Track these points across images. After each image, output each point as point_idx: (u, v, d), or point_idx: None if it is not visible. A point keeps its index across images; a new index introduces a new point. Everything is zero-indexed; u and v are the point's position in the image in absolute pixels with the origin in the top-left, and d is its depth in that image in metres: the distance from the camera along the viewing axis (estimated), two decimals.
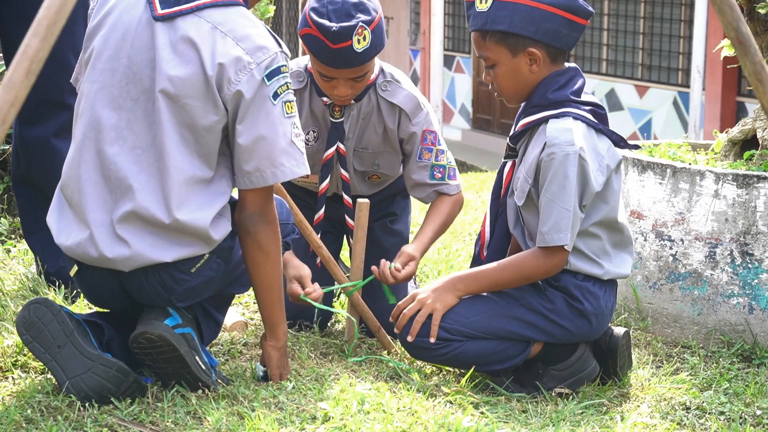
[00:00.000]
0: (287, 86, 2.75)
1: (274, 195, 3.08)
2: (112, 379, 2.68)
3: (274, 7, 11.49)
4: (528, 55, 3.04)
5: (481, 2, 3.06)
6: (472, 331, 3.02)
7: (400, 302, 3.14)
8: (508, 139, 3.16)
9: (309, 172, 2.80)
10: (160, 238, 2.70)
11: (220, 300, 2.96)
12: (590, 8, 3.06)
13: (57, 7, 1.76)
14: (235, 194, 2.87)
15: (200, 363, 2.79)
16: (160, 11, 2.71)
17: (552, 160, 2.93)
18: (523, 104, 3.16)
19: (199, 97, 2.68)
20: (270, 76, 2.71)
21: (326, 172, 3.52)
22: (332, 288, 3.42)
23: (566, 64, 3.12)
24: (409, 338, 3.06)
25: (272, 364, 2.94)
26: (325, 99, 3.44)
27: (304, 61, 3.51)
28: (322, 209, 3.55)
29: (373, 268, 3.37)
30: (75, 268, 2.82)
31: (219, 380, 2.85)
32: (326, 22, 3.21)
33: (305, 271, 3.30)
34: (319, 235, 3.46)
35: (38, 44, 1.75)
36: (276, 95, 2.72)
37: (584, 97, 3.07)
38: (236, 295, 3.54)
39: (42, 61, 1.77)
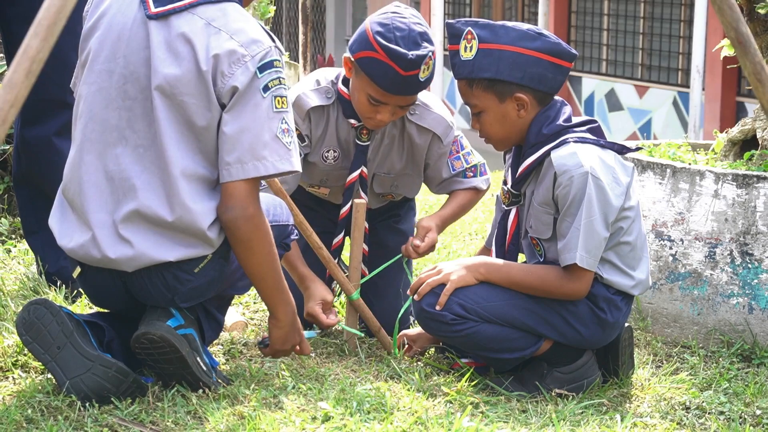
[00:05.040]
0: (279, 81, 2.72)
1: (274, 197, 3.08)
2: (111, 380, 2.68)
3: (274, 7, 11.50)
4: (515, 101, 3.07)
5: (465, 50, 3.08)
6: (488, 315, 3.04)
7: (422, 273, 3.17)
8: (509, 186, 3.16)
9: (294, 169, 2.73)
10: (163, 237, 2.69)
11: (221, 300, 2.96)
12: (574, 51, 3.10)
13: (57, 7, 1.76)
14: None
15: (201, 364, 2.79)
16: (153, 10, 2.71)
17: (567, 187, 2.96)
18: (512, 152, 3.19)
19: (195, 95, 2.67)
20: (262, 69, 2.69)
21: (348, 196, 3.50)
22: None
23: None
24: (416, 297, 3.09)
25: (272, 341, 2.94)
26: (352, 121, 3.41)
27: (330, 76, 3.45)
28: (342, 233, 3.55)
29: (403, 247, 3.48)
30: (78, 269, 2.81)
31: (220, 380, 2.86)
32: (399, 48, 3.18)
33: (330, 297, 3.37)
34: (340, 238, 3.50)
35: (38, 44, 1.75)
36: (266, 88, 2.69)
37: (575, 120, 3.11)
38: (236, 295, 3.54)
39: (42, 61, 1.78)
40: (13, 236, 4.56)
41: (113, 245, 2.69)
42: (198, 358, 2.78)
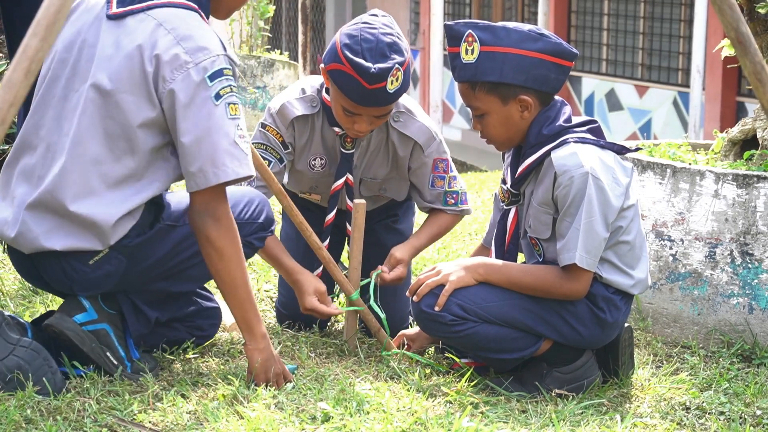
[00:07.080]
0: (231, 89, 2.77)
1: (251, 190, 3.09)
2: (26, 356, 2.76)
3: (274, 7, 11.48)
4: (519, 102, 3.06)
5: (467, 53, 3.06)
6: (487, 315, 3.04)
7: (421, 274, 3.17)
8: (508, 186, 3.16)
9: (252, 173, 2.79)
10: (56, 227, 2.76)
11: (152, 296, 2.97)
12: (575, 50, 3.09)
13: (56, 7, 1.76)
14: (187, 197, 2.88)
15: (111, 358, 2.87)
16: (114, 10, 2.80)
17: (567, 187, 2.96)
18: (511, 152, 3.19)
19: (134, 92, 2.74)
20: (212, 77, 2.74)
21: (333, 203, 3.51)
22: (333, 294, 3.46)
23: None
24: (415, 298, 3.09)
25: (259, 369, 2.87)
26: (337, 129, 3.41)
27: (316, 84, 3.45)
28: (327, 240, 3.53)
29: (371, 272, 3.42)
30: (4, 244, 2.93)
31: (129, 376, 2.89)
32: (363, 62, 3.17)
33: (323, 286, 3.34)
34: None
35: (37, 44, 1.76)
36: (218, 96, 2.75)
37: (574, 120, 3.10)
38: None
39: (41, 60, 1.78)
40: None
41: (14, 226, 2.78)
42: (108, 353, 2.86)
